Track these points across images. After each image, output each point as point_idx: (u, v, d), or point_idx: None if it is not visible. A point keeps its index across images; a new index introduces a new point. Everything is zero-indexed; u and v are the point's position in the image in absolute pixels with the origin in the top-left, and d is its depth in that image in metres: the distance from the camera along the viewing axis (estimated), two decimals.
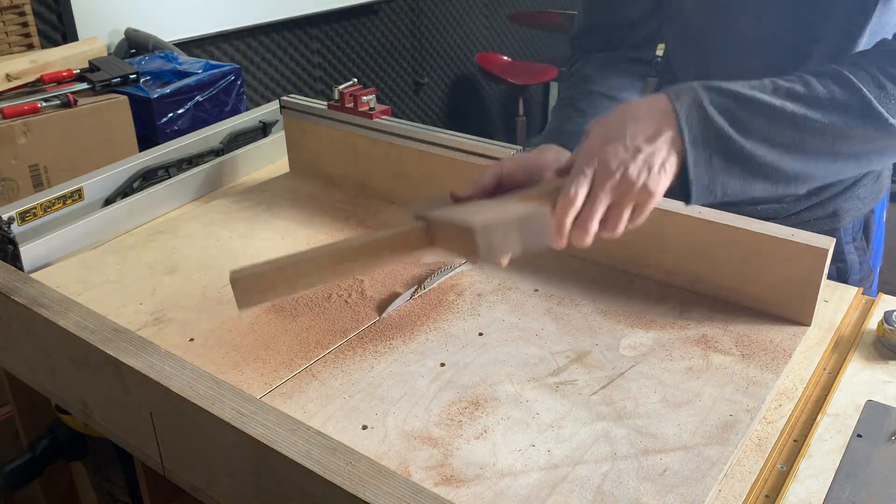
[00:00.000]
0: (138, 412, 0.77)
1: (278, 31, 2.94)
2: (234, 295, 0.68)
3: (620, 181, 0.68)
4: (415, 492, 0.58)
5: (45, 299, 0.84)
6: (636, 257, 1.02)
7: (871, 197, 1.07)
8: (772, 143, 0.70)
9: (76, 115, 1.72)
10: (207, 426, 0.68)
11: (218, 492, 0.73)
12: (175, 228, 1.17)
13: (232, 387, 0.70)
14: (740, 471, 0.72)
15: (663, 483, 0.69)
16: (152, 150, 1.31)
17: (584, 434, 0.75)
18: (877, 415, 0.78)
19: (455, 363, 0.86)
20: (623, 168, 0.68)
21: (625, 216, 0.70)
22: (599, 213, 0.69)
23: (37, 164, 1.67)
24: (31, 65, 1.81)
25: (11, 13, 1.96)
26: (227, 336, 0.91)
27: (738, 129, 0.70)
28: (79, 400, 0.87)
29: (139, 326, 0.93)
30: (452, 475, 0.71)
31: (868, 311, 0.96)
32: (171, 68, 2.04)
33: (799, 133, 0.71)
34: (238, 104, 2.07)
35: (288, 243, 1.12)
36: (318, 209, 1.23)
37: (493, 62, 3.86)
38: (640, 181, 0.68)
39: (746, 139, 0.70)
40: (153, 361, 0.74)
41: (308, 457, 0.62)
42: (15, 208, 1.09)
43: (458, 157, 1.14)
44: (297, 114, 1.31)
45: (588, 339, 0.90)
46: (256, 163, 1.40)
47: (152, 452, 0.78)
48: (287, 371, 0.85)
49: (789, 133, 0.71)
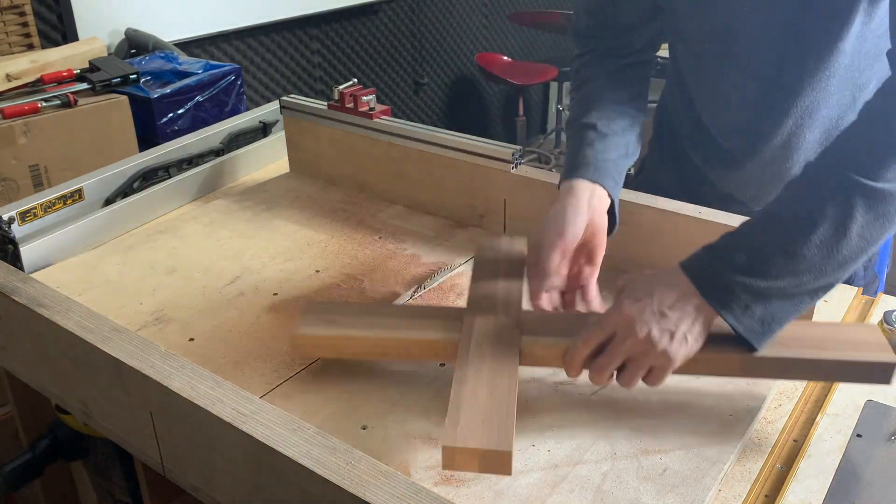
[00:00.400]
0: (138, 412, 0.77)
1: (278, 31, 2.94)
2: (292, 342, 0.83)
3: (641, 341, 0.71)
4: (415, 492, 0.58)
5: (45, 299, 0.84)
6: (636, 257, 1.02)
7: None
8: (796, 272, 0.70)
9: (76, 115, 1.72)
10: (207, 426, 0.68)
11: (218, 492, 0.73)
12: (175, 228, 1.17)
13: (232, 387, 0.70)
14: (740, 471, 0.72)
15: (663, 483, 0.69)
16: (152, 150, 1.31)
17: (584, 434, 0.75)
18: (877, 415, 0.78)
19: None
20: (646, 329, 0.71)
21: (639, 375, 0.72)
22: (614, 365, 0.72)
23: (37, 164, 1.67)
24: (32, 65, 1.81)
25: (11, 13, 1.96)
26: (227, 336, 0.91)
27: (760, 274, 0.70)
28: (79, 400, 0.87)
29: (139, 326, 0.93)
30: (452, 475, 0.71)
31: (868, 311, 0.96)
32: (171, 68, 2.04)
33: (817, 255, 0.70)
34: (238, 104, 2.07)
35: (288, 243, 1.12)
36: (318, 209, 1.23)
37: (493, 62, 3.86)
38: (660, 345, 0.70)
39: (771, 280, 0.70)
40: (153, 361, 0.73)
41: (308, 457, 0.62)
42: (15, 208, 1.09)
43: (458, 157, 1.14)
44: (297, 114, 1.31)
45: None
46: (256, 163, 1.40)
47: (152, 452, 0.78)
48: (287, 371, 0.85)
49: (808, 259, 0.70)
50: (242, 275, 1.04)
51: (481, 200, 1.14)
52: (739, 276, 0.70)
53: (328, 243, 1.12)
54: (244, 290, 1.01)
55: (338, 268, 1.06)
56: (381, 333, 0.81)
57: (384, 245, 1.12)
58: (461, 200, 1.17)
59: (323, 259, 1.08)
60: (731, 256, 0.72)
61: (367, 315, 0.84)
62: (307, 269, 1.06)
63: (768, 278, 0.70)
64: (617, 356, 0.72)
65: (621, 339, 0.72)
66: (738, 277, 0.70)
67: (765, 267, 0.70)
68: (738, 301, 0.70)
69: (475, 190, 1.14)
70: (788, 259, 0.70)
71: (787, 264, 0.70)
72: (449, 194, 1.17)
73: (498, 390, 0.70)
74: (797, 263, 0.70)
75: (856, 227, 0.70)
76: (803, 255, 0.70)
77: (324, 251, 1.10)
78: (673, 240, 0.98)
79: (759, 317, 0.71)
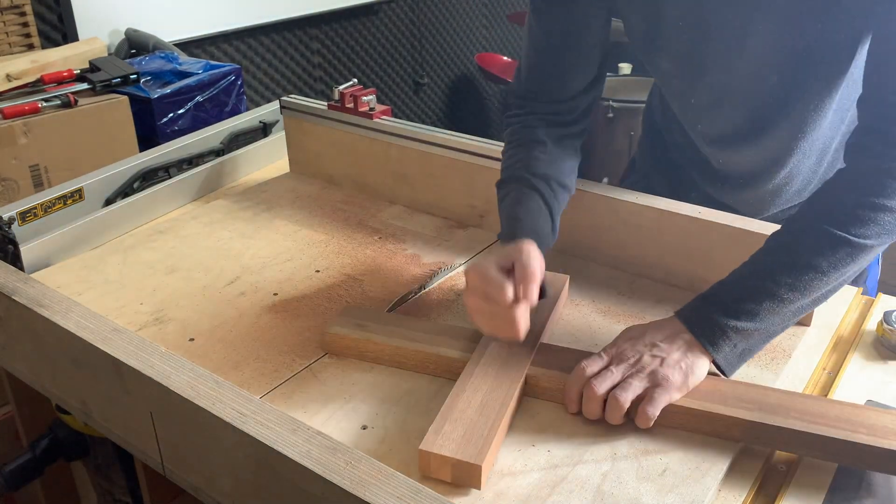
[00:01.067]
0: (138, 412, 0.77)
1: (278, 31, 2.94)
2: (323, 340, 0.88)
3: (633, 364, 0.76)
4: (415, 492, 0.58)
5: (45, 299, 0.84)
6: (636, 257, 1.02)
7: None
8: (782, 314, 0.78)
9: (76, 115, 1.72)
10: (208, 426, 0.68)
11: (218, 492, 0.73)
12: (175, 228, 1.17)
13: (232, 387, 0.70)
14: (740, 471, 0.72)
15: (663, 483, 0.69)
16: (152, 151, 1.31)
17: (584, 434, 0.75)
18: None
19: None
20: (637, 356, 0.77)
21: (634, 385, 0.74)
22: (606, 386, 0.75)
23: (37, 164, 1.67)
24: (32, 65, 1.81)
25: (12, 13, 1.96)
26: (227, 336, 0.91)
27: (749, 318, 0.77)
28: (79, 400, 0.87)
29: (139, 326, 0.93)
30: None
31: (867, 311, 0.96)
32: (172, 68, 2.04)
33: (802, 299, 0.78)
34: (238, 104, 2.07)
35: (288, 243, 1.12)
36: (318, 209, 1.23)
37: (492, 62, 3.86)
38: (651, 366, 0.75)
39: (759, 321, 0.77)
40: (153, 361, 0.74)
41: (308, 457, 0.62)
42: (15, 208, 1.09)
43: (458, 157, 1.14)
44: (297, 114, 1.31)
45: (588, 339, 0.90)
46: (256, 163, 1.40)
47: (153, 452, 0.78)
48: (287, 371, 0.85)
49: (794, 303, 0.78)
50: (242, 275, 1.04)
51: (481, 200, 1.14)
52: (731, 319, 0.77)
53: (328, 243, 1.12)
54: (244, 290, 1.01)
55: (338, 268, 1.06)
56: (401, 344, 0.84)
57: (384, 245, 1.12)
58: (461, 200, 1.17)
59: (323, 259, 1.08)
60: (722, 302, 0.78)
61: (395, 325, 0.87)
62: (307, 269, 1.06)
63: (756, 321, 0.77)
64: (608, 378, 0.75)
65: (615, 364, 0.77)
66: (730, 321, 0.77)
67: (754, 311, 0.77)
68: (729, 341, 0.77)
69: (475, 190, 1.14)
70: (776, 303, 0.77)
71: (774, 307, 0.77)
72: (449, 194, 1.17)
73: (488, 408, 0.73)
74: (784, 307, 0.77)
75: (840, 276, 0.78)
76: (790, 299, 0.77)
77: (324, 251, 1.10)
78: (673, 240, 0.98)
79: (739, 351, 0.78)
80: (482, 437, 0.70)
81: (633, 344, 0.78)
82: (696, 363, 0.76)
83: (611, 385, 0.75)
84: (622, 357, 0.77)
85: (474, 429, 0.71)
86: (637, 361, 0.76)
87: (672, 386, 0.74)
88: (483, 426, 0.71)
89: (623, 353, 0.78)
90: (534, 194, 0.91)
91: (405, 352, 0.84)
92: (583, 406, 0.76)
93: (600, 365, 0.77)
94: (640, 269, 1.02)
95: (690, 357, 0.76)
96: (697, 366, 0.76)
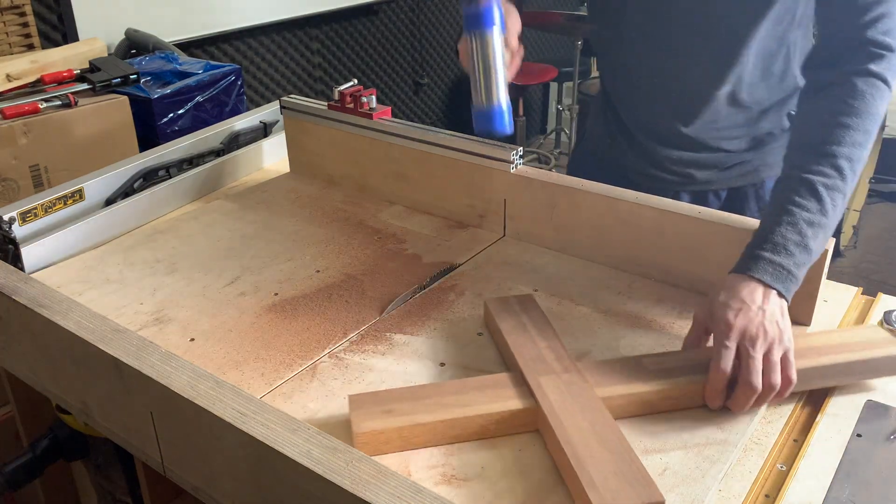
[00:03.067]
0: (139, 412, 0.77)
1: (278, 31, 2.94)
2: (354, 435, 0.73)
3: (765, 339, 0.76)
4: (415, 492, 0.58)
5: (45, 299, 0.84)
6: (636, 257, 1.02)
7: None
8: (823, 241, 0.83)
9: (76, 115, 1.72)
10: (208, 426, 0.68)
11: (218, 492, 0.73)
12: (175, 228, 1.17)
13: (232, 387, 0.70)
14: (740, 471, 0.72)
15: (663, 483, 0.69)
16: (153, 151, 1.31)
17: None
18: (876, 414, 0.78)
19: (455, 363, 0.86)
20: (762, 328, 0.77)
21: (779, 365, 0.76)
22: (759, 372, 0.75)
23: (37, 164, 1.67)
24: (32, 65, 1.81)
25: (12, 13, 1.96)
26: (227, 336, 0.91)
27: (803, 253, 0.81)
28: (79, 400, 0.87)
29: (139, 326, 0.93)
30: (453, 475, 0.71)
31: (868, 310, 0.96)
32: (172, 69, 2.03)
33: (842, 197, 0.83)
34: (238, 104, 2.06)
35: (288, 243, 1.12)
36: (318, 209, 1.23)
37: None
38: (777, 332, 0.77)
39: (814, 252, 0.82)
40: (153, 361, 0.74)
41: (308, 457, 0.62)
42: (16, 208, 1.09)
43: (458, 157, 1.14)
44: (297, 114, 1.31)
45: (588, 339, 0.90)
46: (256, 163, 1.41)
47: (153, 452, 0.79)
48: (287, 371, 0.85)
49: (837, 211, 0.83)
50: (242, 275, 1.04)
51: (481, 200, 1.14)
52: (789, 257, 0.80)
53: (328, 243, 1.12)
54: (244, 290, 1.01)
55: (338, 268, 1.06)
56: (451, 415, 0.74)
57: (384, 245, 1.12)
58: (461, 200, 1.17)
59: (323, 259, 1.08)
60: (776, 247, 0.80)
61: (424, 397, 0.77)
62: (307, 269, 1.06)
63: (809, 253, 0.81)
64: (756, 362, 0.75)
65: (750, 347, 0.76)
66: (789, 260, 0.80)
67: (804, 243, 0.80)
68: (795, 280, 0.80)
69: (475, 190, 1.14)
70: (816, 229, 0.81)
71: (815, 233, 0.81)
72: (449, 194, 1.17)
73: (611, 444, 0.70)
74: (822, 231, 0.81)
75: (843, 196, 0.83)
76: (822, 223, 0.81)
77: (324, 251, 1.10)
78: (673, 240, 0.98)
79: (799, 283, 0.82)
80: (637, 471, 0.67)
81: (747, 317, 0.77)
82: (785, 308, 0.79)
83: (760, 370, 0.75)
84: (751, 337, 0.76)
85: (623, 470, 0.67)
86: (766, 334, 0.76)
87: (792, 343, 0.77)
88: (624, 463, 0.67)
89: (748, 332, 0.76)
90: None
91: (461, 423, 0.74)
92: (737, 400, 0.76)
93: (731, 356, 0.76)
94: (640, 269, 1.02)
95: (782, 304, 0.79)
96: (787, 310, 0.79)
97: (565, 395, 0.76)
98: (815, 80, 0.89)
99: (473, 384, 0.79)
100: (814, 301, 0.90)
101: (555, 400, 0.75)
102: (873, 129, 0.84)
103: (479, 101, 0.72)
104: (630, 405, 0.77)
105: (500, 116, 0.72)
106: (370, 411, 0.75)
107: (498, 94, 0.71)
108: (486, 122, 0.72)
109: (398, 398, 0.77)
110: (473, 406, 0.75)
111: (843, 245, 3.24)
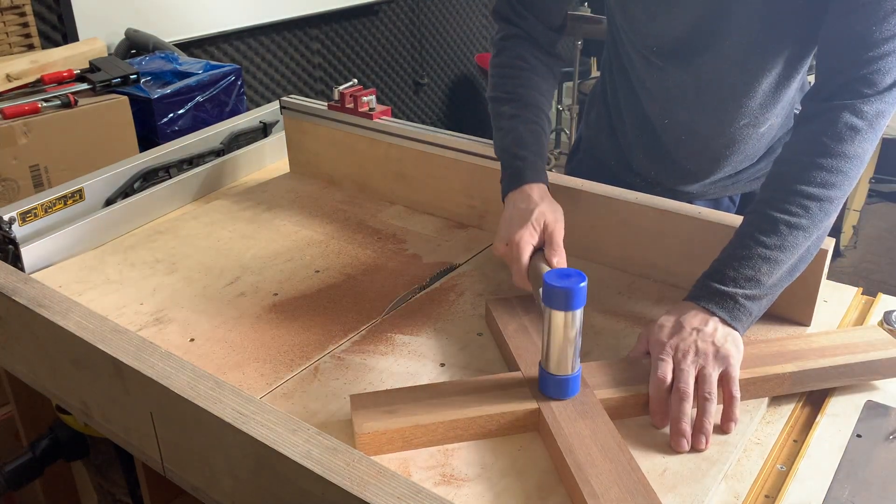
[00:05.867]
0: (138, 412, 0.77)
1: (278, 31, 2.94)
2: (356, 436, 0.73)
3: (696, 354, 0.78)
4: (415, 492, 0.58)
5: (45, 300, 0.84)
6: (636, 257, 1.02)
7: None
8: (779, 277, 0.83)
9: (76, 115, 1.72)
10: (208, 426, 0.68)
11: (218, 492, 0.73)
12: (175, 228, 1.17)
13: (232, 387, 0.70)
14: (740, 471, 0.72)
15: (663, 483, 0.69)
16: (153, 151, 1.31)
17: None
18: (876, 415, 0.78)
19: (455, 363, 0.86)
20: (694, 346, 0.79)
21: (713, 377, 0.77)
22: (691, 377, 0.77)
23: (37, 164, 1.67)
24: (32, 65, 1.81)
25: (12, 13, 1.96)
26: (227, 336, 0.91)
27: (754, 285, 0.82)
28: (79, 400, 0.87)
29: (139, 326, 0.93)
30: (452, 475, 0.71)
31: (868, 311, 0.96)
32: (172, 69, 2.04)
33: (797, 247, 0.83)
34: (238, 104, 2.07)
35: (288, 243, 1.12)
36: (318, 209, 1.23)
37: None
38: (710, 350, 0.78)
39: (766, 286, 0.82)
40: (153, 361, 0.74)
41: (308, 457, 0.62)
42: (16, 209, 1.09)
43: (458, 157, 1.14)
44: (297, 114, 1.31)
45: (588, 339, 0.90)
46: (256, 163, 1.41)
47: (153, 452, 0.79)
48: (287, 371, 0.85)
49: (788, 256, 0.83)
50: (242, 275, 1.04)
51: (481, 200, 1.14)
52: (738, 289, 0.81)
53: (328, 243, 1.12)
54: (244, 290, 1.01)
55: (338, 268, 1.06)
56: (453, 416, 0.74)
57: (384, 245, 1.12)
58: (461, 200, 1.17)
59: (323, 259, 1.08)
60: (724, 278, 0.82)
61: (426, 398, 0.77)
62: (307, 269, 1.06)
63: (761, 287, 0.82)
64: (686, 373, 0.77)
65: (682, 360, 0.78)
66: (737, 290, 0.81)
67: (755, 277, 0.81)
68: (745, 310, 0.81)
69: (475, 190, 1.14)
70: (771, 265, 0.82)
71: (769, 269, 0.82)
72: (449, 194, 1.17)
73: (612, 451, 0.70)
74: (778, 267, 0.82)
75: (818, 229, 0.83)
76: (782, 260, 0.82)
77: (324, 251, 1.10)
78: (673, 240, 0.98)
79: (754, 316, 0.83)
80: (638, 480, 0.66)
81: (679, 336, 0.79)
82: (733, 335, 0.80)
83: (692, 381, 0.76)
84: (683, 351, 0.78)
85: (623, 481, 0.66)
86: (697, 351, 0.78)
87: (735, 360, 0.78)
88: (625, 472, 0.67)
89: (680, 347, 0.79)
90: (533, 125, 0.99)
91: (463, 423, 0.74)
92: (672, 411, 0.75)
93: (669, 367, 0.78)
94: (640, 269, 1.02)
95: (732, 334, 0.80)
96: (736, 337, 0.80)
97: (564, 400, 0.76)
98: (806, 110, 0.89)
99: (474, 385, 0.78)
100: (814, 301, 0.90)
101: (555, 404, 0.75)
102: (850, 169, 0.83)
103: (553, 369, 0.74)
104: (630, 406, 0.77)
105: (575, 383, 0.75)
106: (372, 412, 0.75)
107: (576, 362, 0.74)
108: (560, 390, 0.75)
109: (399, 398, 0.77)
110: (474, 407, 0.75)
111: (843, 245, 3.24)
